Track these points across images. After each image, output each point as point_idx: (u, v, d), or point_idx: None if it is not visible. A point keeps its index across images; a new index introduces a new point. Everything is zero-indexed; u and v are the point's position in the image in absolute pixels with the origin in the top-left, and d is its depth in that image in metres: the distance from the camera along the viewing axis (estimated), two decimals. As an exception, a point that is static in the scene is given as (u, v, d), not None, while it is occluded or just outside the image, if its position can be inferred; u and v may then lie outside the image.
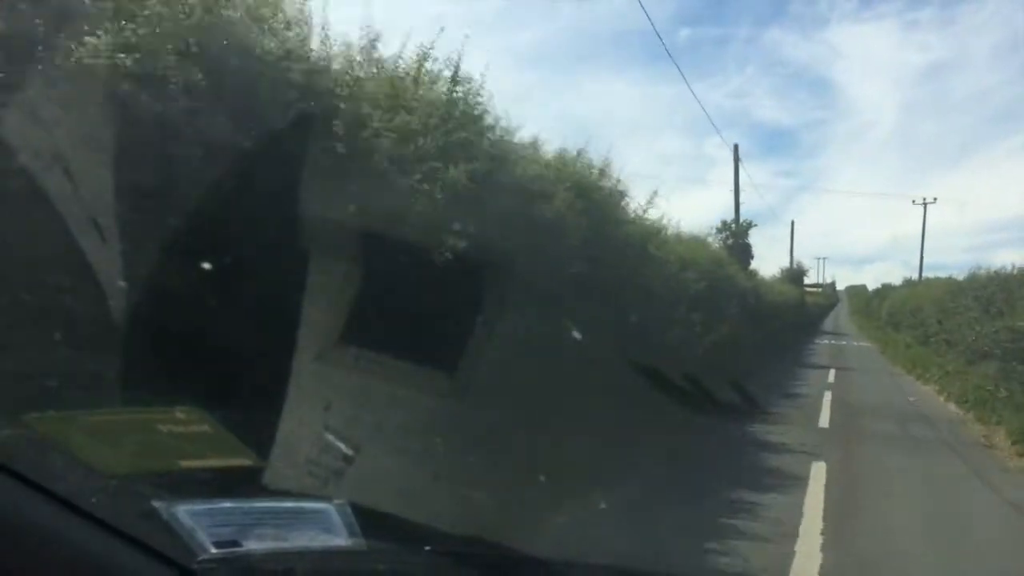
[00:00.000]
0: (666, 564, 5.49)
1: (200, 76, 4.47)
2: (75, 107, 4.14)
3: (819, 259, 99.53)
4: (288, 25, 5.63)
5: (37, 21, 4.04)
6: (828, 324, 63.66)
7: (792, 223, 62.58)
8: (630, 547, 5.82)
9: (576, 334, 7.67)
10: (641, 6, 26.78)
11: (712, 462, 10.25)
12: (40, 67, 4.04)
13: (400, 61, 6.62)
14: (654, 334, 10.42)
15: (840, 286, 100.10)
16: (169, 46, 4.41)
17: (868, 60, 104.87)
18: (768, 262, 62.26)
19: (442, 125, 6.35)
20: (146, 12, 4.41)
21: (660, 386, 8.65)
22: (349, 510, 2.11)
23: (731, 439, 11.51)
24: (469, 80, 7.01)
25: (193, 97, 4.43)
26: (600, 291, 8.70)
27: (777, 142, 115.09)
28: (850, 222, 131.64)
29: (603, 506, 6.75)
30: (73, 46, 4.10)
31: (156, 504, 1.85)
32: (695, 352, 12.21)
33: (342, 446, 3.66)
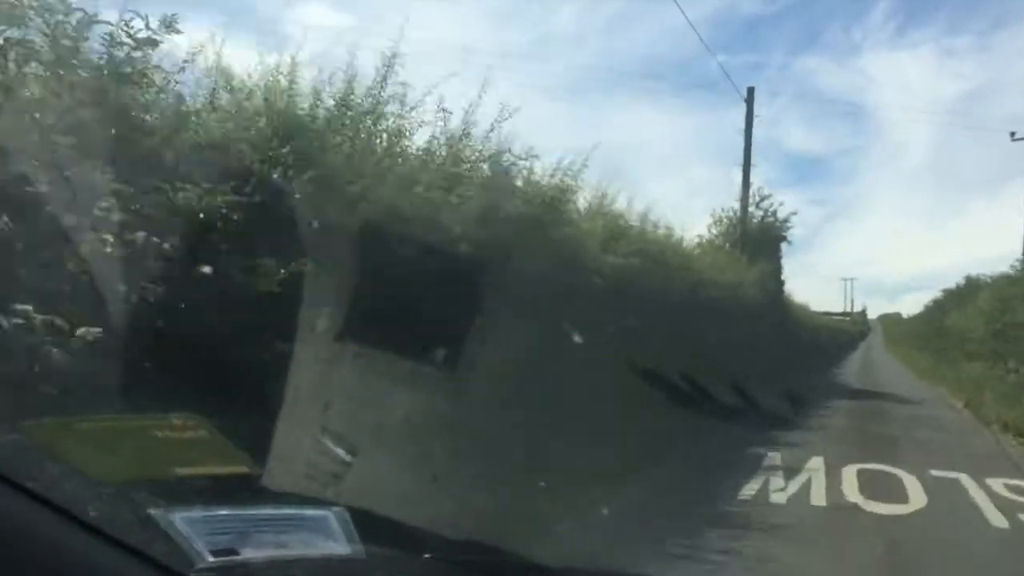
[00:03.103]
0: (668, 570, 5.45)
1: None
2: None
3: (846, 280, 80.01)
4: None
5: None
6: (852, 364, 35.80)
7: (750, 91, 25.52)
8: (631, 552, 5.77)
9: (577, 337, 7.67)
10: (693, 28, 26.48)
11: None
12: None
13: None
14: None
15: (871, 315, 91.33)
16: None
17: (902, 88, 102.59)
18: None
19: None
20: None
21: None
22: (348, 516, 2.09)
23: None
24: None
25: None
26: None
27: (809, 171, 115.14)
28: (883, 251, 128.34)
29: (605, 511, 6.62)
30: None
31: (153, 512, 1.83)
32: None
33: (340, 450, 3.65)
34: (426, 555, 2.20)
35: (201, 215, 4.47)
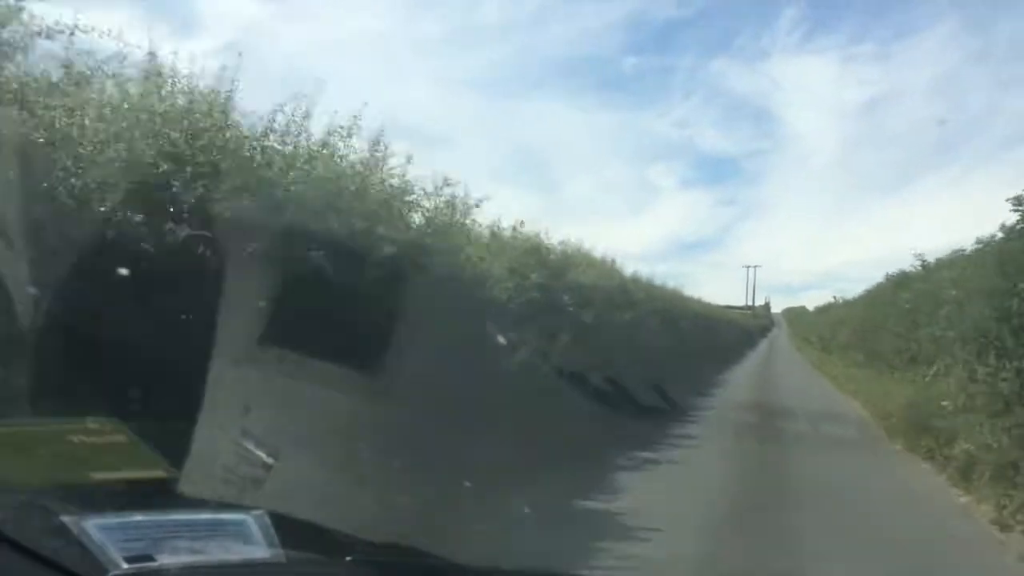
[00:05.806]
0: (586, 567, 5.53)
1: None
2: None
3: (748, 268, 72.75)
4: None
5: None
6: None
7: None
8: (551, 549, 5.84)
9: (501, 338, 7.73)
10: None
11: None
12: None
13: None
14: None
15: (775, 309, 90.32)
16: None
17: (809, 92, 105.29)
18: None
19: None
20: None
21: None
22: (268, 520, 2.08)
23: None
24: None
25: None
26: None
27: (719, 171, 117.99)
28: (787, 250, 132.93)
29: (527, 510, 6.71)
30: None
31: (65, 519, 1.80)
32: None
33: (261, 453, 3.61)
34: (347, 558, 2.20)
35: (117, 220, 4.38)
